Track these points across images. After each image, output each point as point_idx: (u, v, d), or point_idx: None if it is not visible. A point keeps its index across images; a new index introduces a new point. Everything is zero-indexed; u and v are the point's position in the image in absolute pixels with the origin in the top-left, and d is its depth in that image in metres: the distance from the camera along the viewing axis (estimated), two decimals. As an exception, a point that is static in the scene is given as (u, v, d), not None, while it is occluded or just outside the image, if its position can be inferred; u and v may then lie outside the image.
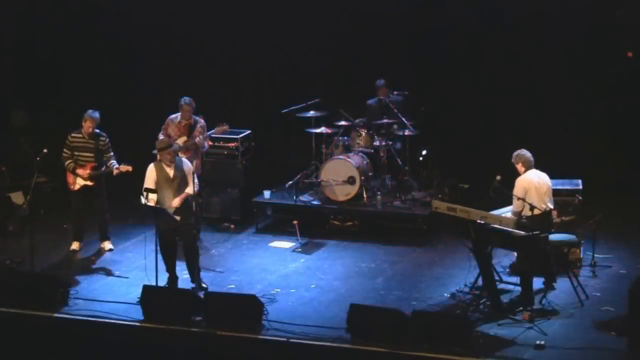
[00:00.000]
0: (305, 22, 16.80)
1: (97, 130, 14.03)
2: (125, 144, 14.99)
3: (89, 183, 14.01)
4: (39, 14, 17.74)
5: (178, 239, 12.75)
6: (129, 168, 13.85)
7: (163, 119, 14.56)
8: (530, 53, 16.11)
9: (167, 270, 12.74)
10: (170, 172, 12.63)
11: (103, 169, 13.98)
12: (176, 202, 12.61)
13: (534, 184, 12.08)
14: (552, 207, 12.26)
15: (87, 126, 13.93)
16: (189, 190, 12.68)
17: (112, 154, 14.07)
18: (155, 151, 12.90)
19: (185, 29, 17.34)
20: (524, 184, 12.07)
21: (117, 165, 13.86)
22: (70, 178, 14.11)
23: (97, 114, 13.97)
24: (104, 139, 14.04)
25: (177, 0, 17.35)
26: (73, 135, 14.08)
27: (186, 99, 14.38)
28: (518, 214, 12.01)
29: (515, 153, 12.33)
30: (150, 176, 12.67)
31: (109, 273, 13.58)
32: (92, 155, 13.99)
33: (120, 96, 17.51)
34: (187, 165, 12.83)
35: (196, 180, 12.77)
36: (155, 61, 17.45)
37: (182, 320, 11.84)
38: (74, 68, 17.73)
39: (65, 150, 14.07)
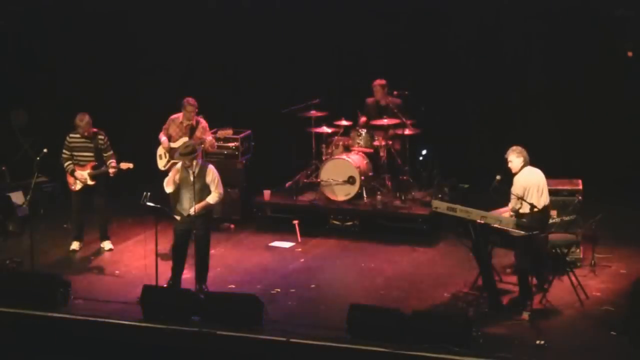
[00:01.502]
0: (305, 22, 16.80)
1: (95, 130, 14.02)
2: (125, 144, 15.00)
3: (89, 182, 14.01)
4: (38, 13, 17.75)
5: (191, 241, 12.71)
6: (130, 165, 13.82)
7: (163, 119, 14.56)
8: (530, 53, 16.11)
9: (172, 270, 12.69)
10: (191, 176, 12.47)
11: (103, 168, 13.97)
12: (192, 210, 12.41)
13: (533, 182, 12.07)
14: (548, 202, 12.25)
15: (82, 131, 13.92)
16: (211, 199, 12.49)
17: (111, 152, 14.05)
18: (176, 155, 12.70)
19: (185, 29, 17.33)
20: (523, 183, 12.06)
21: (115, 164, 13.84)
22: (70, 178, 14.11)
23: (86, 117, 13.91)
24: (102, 137, 14.02)
25: (177, 0, 17.37)
26: (71, 135, 14.07)
27: (190, 99, 14.35)
28: (516, 211, 12.00)
29: (512, 148, 12.30)
30: (174, 174, 12.54)
31: (109, 273, 13.57)
32: (91, 154, 13.98)
33: (120, 96, 17.52)
34: (212, 174, 12.51)
35: (221, 190, 12.55)
36: (155, 61, 17.45)
37: (182, 320, 11.84)
38: (73, 68, 17.72)
39: (64, 151, 14.07)
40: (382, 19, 16.54)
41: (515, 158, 12.22)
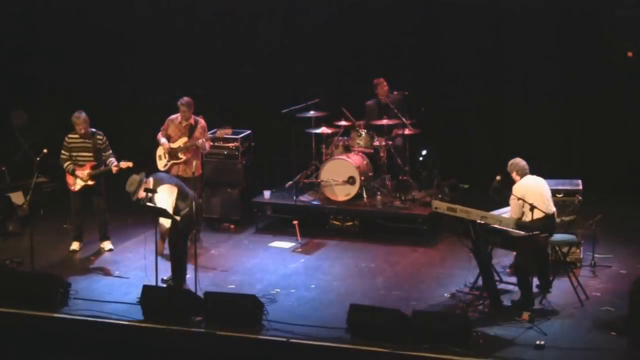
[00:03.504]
0: (305, 22, 16.80)
1: (93, 129, 14.01)
2: (126, 144, 15.00)
3: (89, 183, 14.00)
4: (38, 14, 17.75)
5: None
6: (130, 164, 13.80)
7: (163, 119, 14.56)
8: (530, 53, 16.11)
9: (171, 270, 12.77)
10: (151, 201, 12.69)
11: (103, 167, 13.96)
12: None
13: (529, 189, 12.04)
14: (553, 210, 12.22)
15: (79, 128, 13.91)
16: (166, 223, 12.65)
17: (110, 151, 14.04)
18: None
19: (185, 28, 17.34)
20: (521, 190, 12.04)
21: (115, 163, 13.85)
22: (70, 179, 14.10)
23: (83, 114, 13.91)
24: (101, 137, 14.01)
25: (177, 1, 17.38)
26: (70, 136, 14.06)
27: (185, 99, 14.34)
28: (519, 220, 11.96)
29: (510, 162, 12.32)
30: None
31: (109, 273, 13.57)
32: (90, 154, 13.97)
33: (120, 96, 17.52)
34: (164, 199, 12.48)
35: (169, 216, 12.48)
36: (155, 61, 17.45)
37: (182, 320, 11.85)
38: (73, 68, 17.71)
39: (63, 151, 14.04)
40: (382, 19, 16.53)
41: (510, 173, 12.22)
